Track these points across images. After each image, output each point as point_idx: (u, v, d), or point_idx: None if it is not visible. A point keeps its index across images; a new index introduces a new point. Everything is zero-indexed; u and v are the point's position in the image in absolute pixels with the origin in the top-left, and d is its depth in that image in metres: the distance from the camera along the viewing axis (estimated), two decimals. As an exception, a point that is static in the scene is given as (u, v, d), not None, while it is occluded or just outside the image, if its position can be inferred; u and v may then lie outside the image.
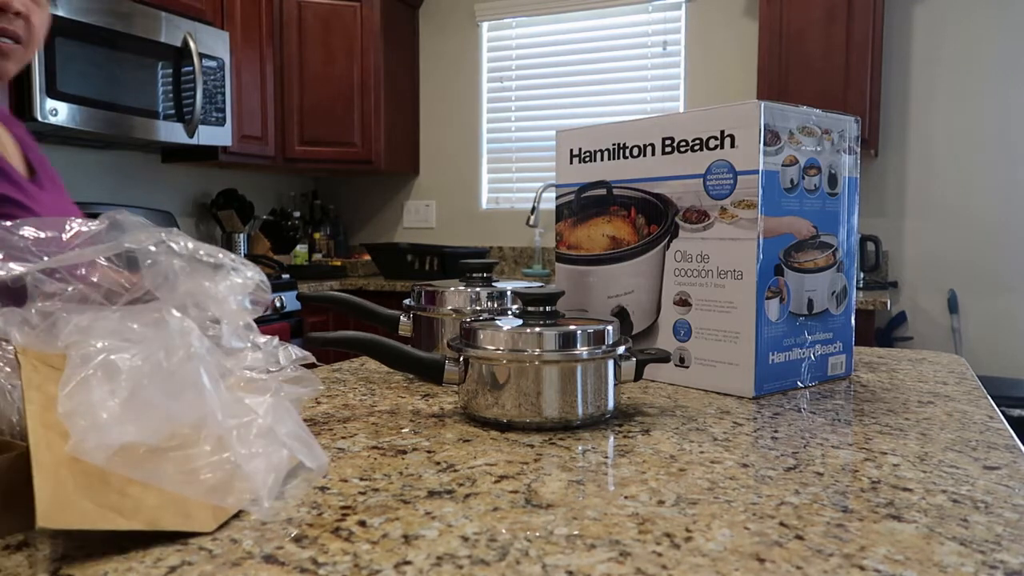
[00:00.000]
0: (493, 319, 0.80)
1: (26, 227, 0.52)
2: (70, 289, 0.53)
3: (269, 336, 0.65)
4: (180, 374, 0.51)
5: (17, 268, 0.51)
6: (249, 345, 0.61)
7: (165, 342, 0.52)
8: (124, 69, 2.63)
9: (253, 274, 0.62)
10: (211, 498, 0.49)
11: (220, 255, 0.60)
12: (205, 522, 0.48)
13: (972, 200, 3.05)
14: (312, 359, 0.67)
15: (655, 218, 0.96)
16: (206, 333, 0.56)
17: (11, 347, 0.52)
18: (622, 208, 1.00)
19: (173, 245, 0.57)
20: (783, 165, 0.89)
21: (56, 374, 0.49)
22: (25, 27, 1.05)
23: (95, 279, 0.55)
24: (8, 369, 0.53)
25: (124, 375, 0.49)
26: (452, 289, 1.05)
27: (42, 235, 0.52)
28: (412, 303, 1.07)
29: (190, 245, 0.58)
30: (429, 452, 0.66)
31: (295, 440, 0.56)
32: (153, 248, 0.56)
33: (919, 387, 0.95)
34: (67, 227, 0.53)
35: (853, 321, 1.00)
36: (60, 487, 0.44)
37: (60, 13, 2.41)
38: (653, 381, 0.97)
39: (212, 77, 2.94)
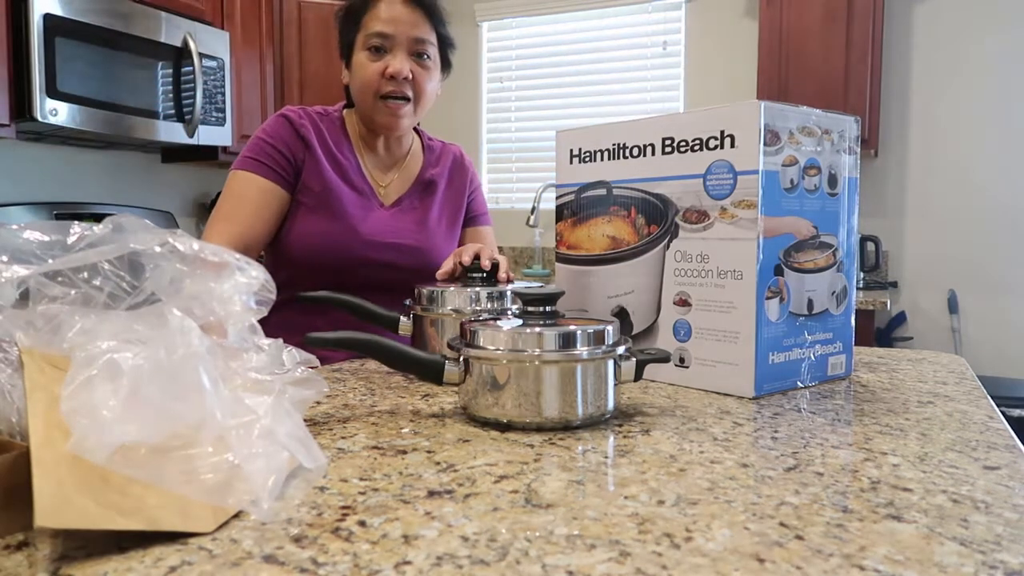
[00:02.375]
0: (493, 319, 0.80)
1: (30, 230, 0.52)
2: (73, 292, 0.53)
3: (273, 339, 0.65)
4: (181, 374, 0.51)
5: (21, 271, 0.51)
6: (253, 347, 0.61)
7: (165, 341, 0.52)
8: (124, 69, 2.63)
9: (258, 273, 0.62)
10: (211, 498, 0.49)
11: (224, 255, 0.60)
12: (205, 522, 0.48)
13: (972, 200, 3.05)
14: (315, 362, 0.67)
15: (655, 218, 0.96)
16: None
17: (13, 348, 0.53)
18: (622, 208, 1.00)
19: (178, 246, 0.57)
20: (783, 165, 0.89)
21: (60, 375, 0.49)
22: (411, 87, 1.29)
23: None
24: (9, 370, 0.53)
25: (126, 375, 0.49)
26: (452, 289, 1.05)
27: (46, 238, 0.52)
28: (412, 303, 1.08)
29: (195, 246, 0.58)
30: (429, 452, 0.66)
31: (293, 440, 0.56)
32: (158, 249, 0.56)
33: (919, 387, 0.95)
34: (71, 230, 0.53)
35: (853, 321, 1.00)
36: (60, 486, 0.44)
37: (60, 13, 2.41)
38: (653, 381, 0.97)
39: (212, 77, 2.94)
